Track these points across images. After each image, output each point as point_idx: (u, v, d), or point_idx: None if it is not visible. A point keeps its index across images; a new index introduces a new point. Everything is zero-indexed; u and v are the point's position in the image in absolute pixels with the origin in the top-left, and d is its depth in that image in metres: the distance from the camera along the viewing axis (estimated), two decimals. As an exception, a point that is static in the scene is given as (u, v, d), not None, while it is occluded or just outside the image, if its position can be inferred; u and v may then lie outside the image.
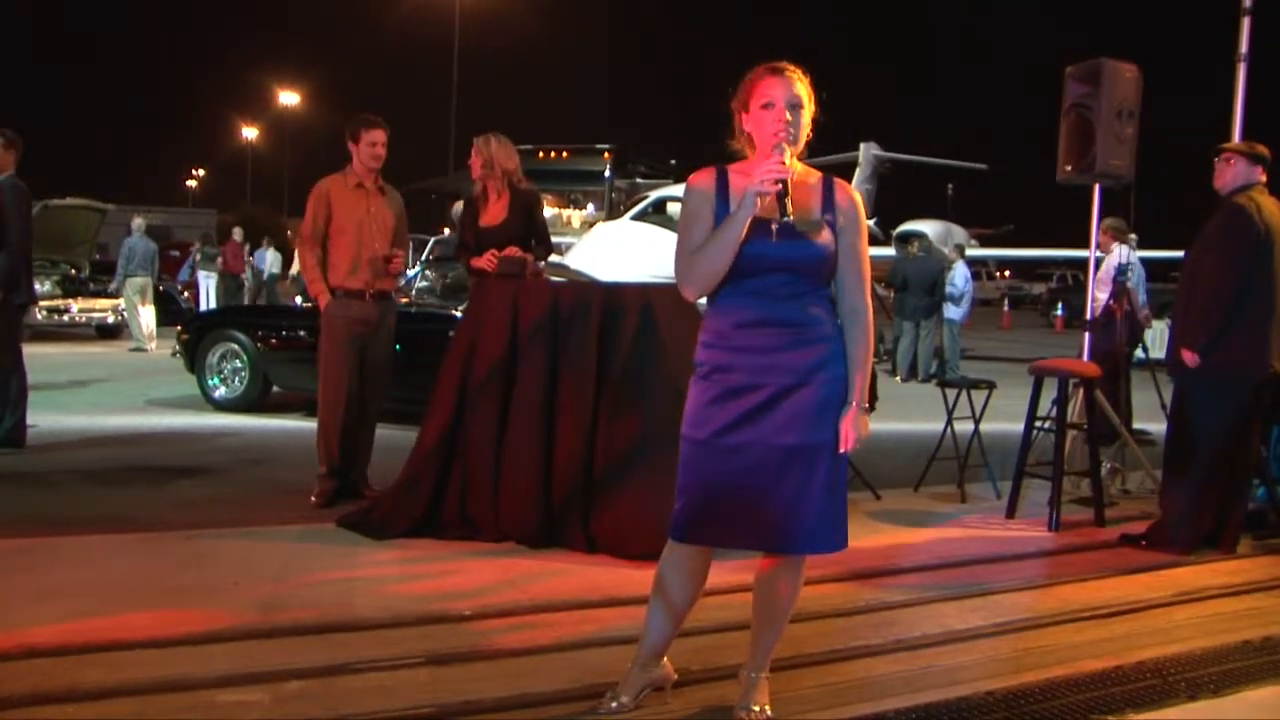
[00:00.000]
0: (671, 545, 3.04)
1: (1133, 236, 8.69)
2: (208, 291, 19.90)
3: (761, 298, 2.91)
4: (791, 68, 2.94)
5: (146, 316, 15.09)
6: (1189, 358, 5.30)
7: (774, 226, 2.88)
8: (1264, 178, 5.45)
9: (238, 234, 20.93)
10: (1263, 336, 5.26)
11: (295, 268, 20.50)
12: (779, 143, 2.85)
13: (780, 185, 2.78)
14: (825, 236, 2.91)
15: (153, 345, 14.78)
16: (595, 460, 4.97)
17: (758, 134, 2.93)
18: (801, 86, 2.93)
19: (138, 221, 15.66)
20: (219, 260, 20.19)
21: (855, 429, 2.90)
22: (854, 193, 3.01)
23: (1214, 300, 5.26)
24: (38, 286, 12.55)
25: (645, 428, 4.87)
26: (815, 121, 2.99)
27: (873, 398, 6.71)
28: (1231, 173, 5.44)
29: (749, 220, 2.83)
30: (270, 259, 22.11)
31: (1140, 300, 8.79)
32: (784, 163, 2.81)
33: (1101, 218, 7.16)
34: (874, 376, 6.62)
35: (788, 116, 2.88)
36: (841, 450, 2.90)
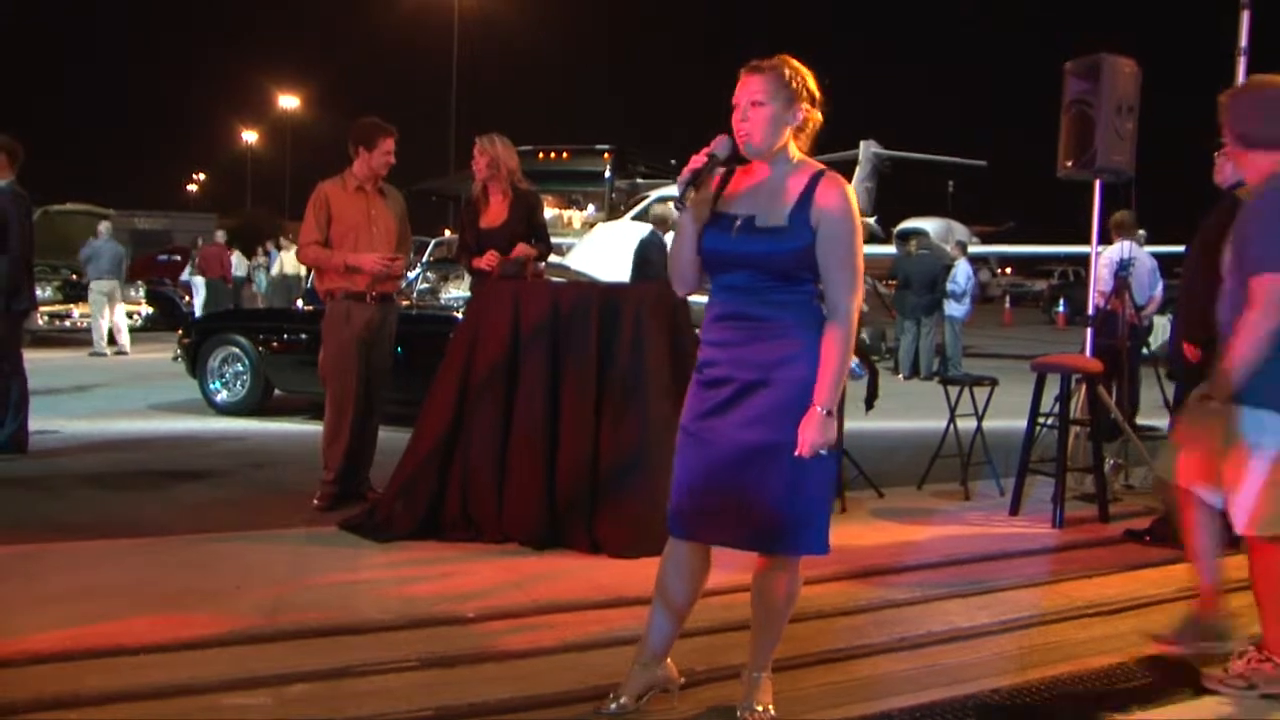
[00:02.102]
0: (670, 542, 3.06)
1: (1141, 232, 8.67)
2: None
3: (730, 292, 2.95)
4: (770, 63, 2.92)
5: (119, 320, 15.05)
6: (1191, 352, 5.29)
7: (737, 223, 2.90)
8: None
9: (220, 237, 20.67)
10: None
11: (288, 267, 20.30)
12: (722, 138, 2.91)
13: (689, 175, 2.85)
14: (791, 232, 2.86)
15: (128, 349, 14.76)
16: (598, 461, 4.96)
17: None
18: (772, 82, 2.90)
19: (104, 225, 15.59)
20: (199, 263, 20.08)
21: (813, 432, 2.80)
22: (843, 189, 2.91)
23: (1215, 295, 5.24)
24: (39, 292, 12.56)
25: (647, 428, 4.87)
26: (813, 111, 2.97)
27: (874, 395, 6.73)
28: (1231, 167, 5.43)
29: (693, 214, 2.94)
30: (248, 262, 21.80)
31: (1152, 294, 8.75)
32: (708, 157, 2.87)
33: (1103, 213, 7.15)
34: (876, 374, 6.63)
35: (742, 116, 2.91)
36: (795, 453, 2.81)
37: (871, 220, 24.39)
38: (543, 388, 5.06)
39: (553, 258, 7.05)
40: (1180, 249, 6.57)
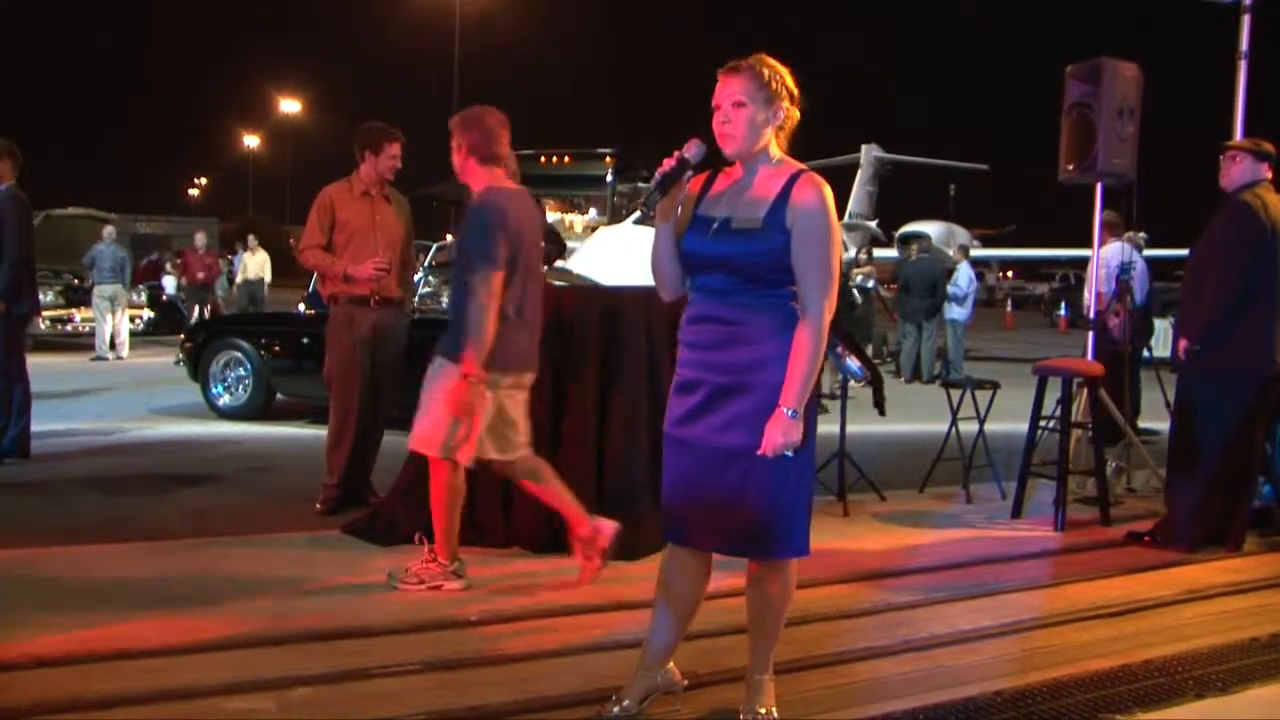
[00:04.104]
0: (667, 547, 3.06)
1: (1143, 235, 8.66)
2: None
3: (704, 294, 2.95)
4: (749, 63, 2.90)
5: (121, 326, 15.02)
6: (1182, 347, 5.35)
7: (714, 224, 2.89)
8: (1269, 175, 5.45)
9: (200, 240, 19.95)
10: (1267, 333, 5.26)
11: (251, 271, 19.73)
12: (696, 142, 2.91)
13: (658, 180, 2.86)
14: (766, 234, 2.84)
15: (124, 355, 14.74)
16: (602, 465, 4.96)
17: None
18: (752, 82, 2.88)
19: (109, 229, 15.54)
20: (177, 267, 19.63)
21: (777, 433, 2.77)
22: (820, 189, 2.87)
23: (1218, 297, 5.27)
24: (41, 296, 12.54)
25: (650, 432, 4.87)
26: (792, 109, 2.95)
27: (881, 399, 6.73)
28: (1237, 170, 5.44)
29: (670, 217, 2.93)
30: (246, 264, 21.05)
31: (1138, 299, 8.76)
32: (678, 162, 2.86)
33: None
34: (879, 378, 6.63)
35: (723, 117, 2.90)
36: (759, 452, 2.79)
37: (873, 224, 24.43)
38: (546, 392, 5.06)
39: (555, 261, 7.04)
40: (1183, 252, 6.57)
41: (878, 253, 19.71)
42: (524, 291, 4.25)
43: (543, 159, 15.85)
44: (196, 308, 17.59)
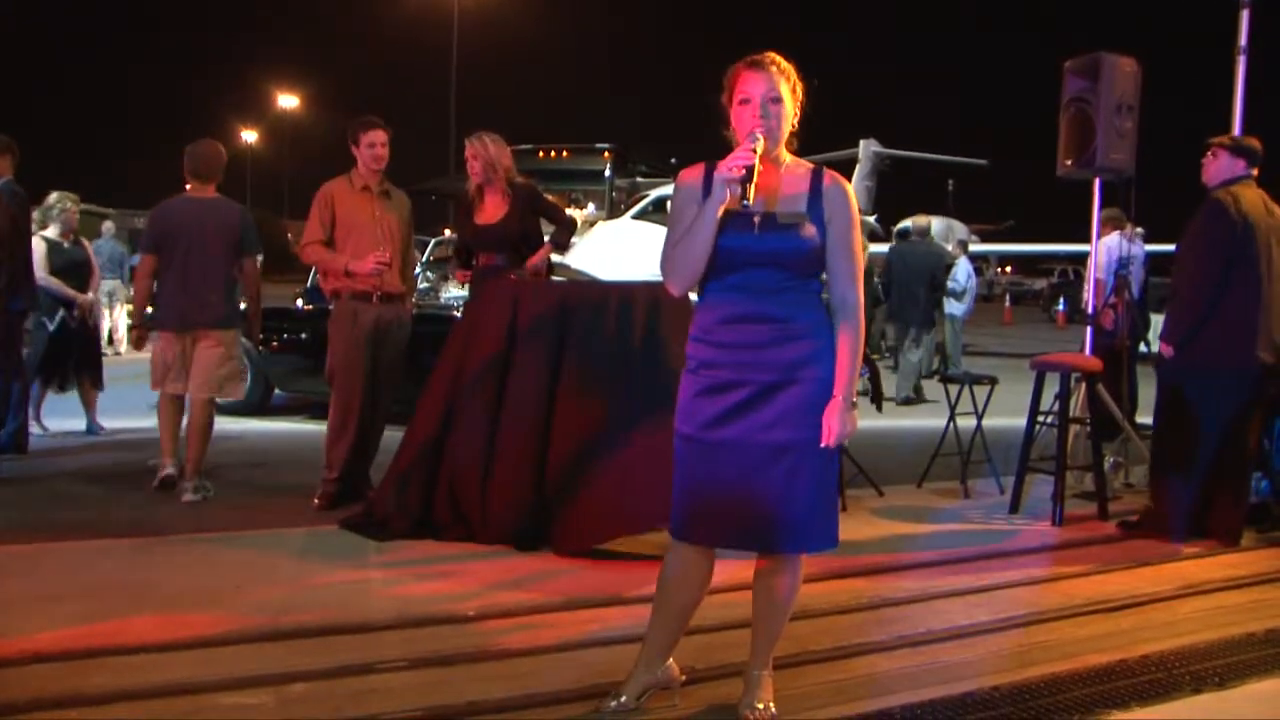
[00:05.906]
0: (673, 544, 3.05)
1: (1139, 230, 8.66)
2: None
3: (744, 292, 2.90)
4: (772, 59, 2.91)
5: (120, 321, 14.94)
6: (1164, 350, 5.37)
7: (756, 220, 2.88)
8: (1253, 171, 5.45)
9: None
10: (1245, 328, 5.25)
11: None
12: (753, 132, 2.85)
13: (744, 171, 2.77)
14: (810, 229, 2.88)
15: (123, 350, 14.69)
16: (597, 462, 4.94)
17: (737, 129, 2.93)
18: (781, 78, 2.90)
19: (108, 224, 15.54)
20: None
21: (839, 423, 2.85)
22: (845, 183, 2.97)
23: (1193, 294, 5.30)
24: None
25: (647, 428, 4.85)
26: (803, 110, 2.97)
27: (879, 394, 6.72)
28: (1215, 166, 5.46)
29: (719, 212, 2.84)
30: None
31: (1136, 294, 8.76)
32: (753, 151, 2.80)
33: (1102, 212, 7.17)
34: (877, 373, 6.62)
35: (762, 112, 2.88)
36: (823, 444, 2.86)
37: (872, 219, 24.39)
38: (539, 386, 5.03)
39: (553, 256, 7.02)
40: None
41: (875, 248, 19.70)
42: (174, 272, 5.88)
43: (541, 153, 15.84)
44: None
